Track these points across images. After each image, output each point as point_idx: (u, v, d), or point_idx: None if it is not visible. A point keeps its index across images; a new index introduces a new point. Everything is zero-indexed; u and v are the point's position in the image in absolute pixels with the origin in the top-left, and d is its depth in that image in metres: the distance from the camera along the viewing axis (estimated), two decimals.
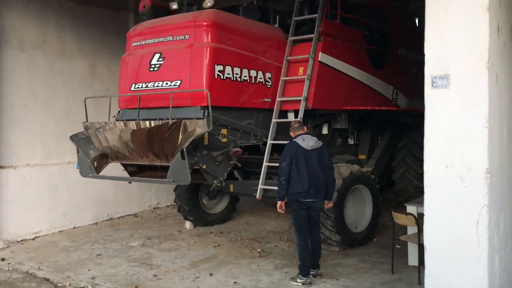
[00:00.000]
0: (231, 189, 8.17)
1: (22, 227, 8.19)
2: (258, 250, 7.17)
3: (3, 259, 7.02)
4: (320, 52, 6.96)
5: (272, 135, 6.77)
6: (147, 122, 5.87)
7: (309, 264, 5.66)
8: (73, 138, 6.49)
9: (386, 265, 6.28)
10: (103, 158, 6.48)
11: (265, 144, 6.85)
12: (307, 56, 6.84)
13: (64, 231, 8.77)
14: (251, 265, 6.48)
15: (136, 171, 6.82)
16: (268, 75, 6.79)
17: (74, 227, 9.01)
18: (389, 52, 8.93)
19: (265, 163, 6.67)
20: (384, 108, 8.36)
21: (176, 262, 6.71)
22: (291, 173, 5.57)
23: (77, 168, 6.97)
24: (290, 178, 5.57)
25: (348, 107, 7.53)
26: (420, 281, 5.48)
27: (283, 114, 7.00)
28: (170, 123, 5.58)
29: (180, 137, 5.57)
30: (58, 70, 8.99)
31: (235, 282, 5.81)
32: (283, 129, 7.00)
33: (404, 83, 9.44)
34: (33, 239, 8.23)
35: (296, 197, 5.58)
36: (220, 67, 6.00)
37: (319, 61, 6.97)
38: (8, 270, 6.60)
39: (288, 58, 7.04)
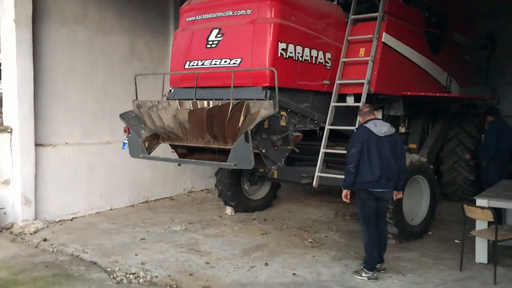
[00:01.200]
0: (275, 175, 7.85)
1: (60, 207, 7.96)
2: (309, 240, 6.85)
3: (45, 240, 6.79)
4: (383, 32, 6.52)
5: (330, 120, 6.40)
6: (205, 102, 5.52)
7: (375, 258, 5.33)
8: (123, 116, 6.18)
9: (450, 261, 5.94)
10: (155, 139, 6.17)
11: (321, 129, 6.47)
12: (371, 36, 6.41)
13: (101, 212, 8.53)
14: (306, 255, 6.16)
15: (186, 153, 6.50)
16: (328, 55, 6.39)
17: (111, 209, 8.76)
18: (445, 36, 8.44)
19: (322, 149, 6.30)
20: (446, 95, 7.89)
21: (226, 249, 6.42)
22: (361, 161, 5.22)
23: (123, 148, 6.69)
24: (359, 166, 5.21)
25: (408, 93, 7.10)
26: (496, 281, 5.12)
27: (340, 98, 6.60)
28: (232, 103, 5.21)
29: (242, 118, 5.21)
30: (98, 47, 8.66)
31: (294, 274, 5.49)
32: (339, 114, 6.63)
33: (457, 70, 8.97)
34: (71, 219, 8.00)
35: (365, 187, 5.24)
36: (283, 45, 5.61)
37: (383, 42, 6.54)
38: (53, 251, 6.36)
39: (348, 38, 6.62)
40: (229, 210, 8.47)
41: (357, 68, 6.55)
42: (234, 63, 5.63)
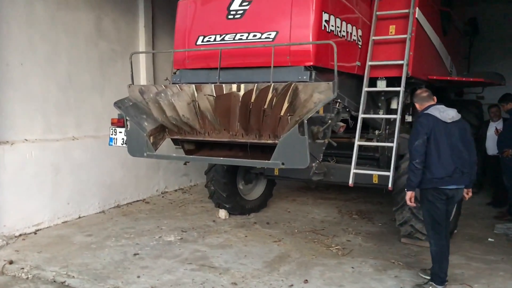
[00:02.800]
0: (276, 172, 6.90)
1: (21, 218, 6.49)
2: (334, 246, 5.96)
3: (11, 262, 5.37)
4: (417, 8, 5.72)
5: (363, 107, 5.51)
6: (234, 86, 4.41)
7: (446, 270, 4.53)
8: (119, 105, 4.91)
9: (503, 264, 5.29)
10: (160, 132, 4.95)
11: (352, 118, 5.57)
12: (406, 11, 5.59)
13: (68, 221, 7.13)
14: (342, 266, 5.27)
15: (193, 150, 5.35)
16: (359, 32, 5.49)
17: (79, 217, 7.38)
18: (452, 17, 7.85)
19: (357, 142, 5.41)
20: (465, 79, 7.25)
21: (244, 263, 5.38)
22: (428, 155, 4.38)
23: (110, 144, 5.42)
24: (426, 161, 4.37)
25: (435, 77, 6.38)
26: None
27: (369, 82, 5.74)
28: (273, 86, 4.16)
29: (286, 105, 4.18)
30: (61, 24, 7.20)
31: None
32: (369, 101, 5.79)
33: (456, 55, 8.46)
34: (35, 232, 6.56)
35: (436, 185, 4.38)
36: (326, 16, 4.65)
37: (416, 19, 5.74)
38: (27, 278, 5.00)
39: (377, 13, 5.75)
40: (223, 213, 7.39)
41: (387, 48, 5.73)
42: (267, 38, 4.57)
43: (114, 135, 5.38)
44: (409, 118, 7.63)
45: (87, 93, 7.71)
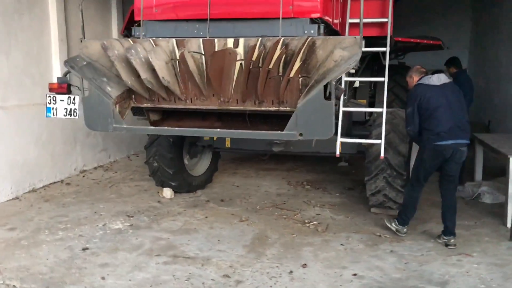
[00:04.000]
0: (228, 144, 6.23)
1: None
2: (307, 222, 5.50)
3: None
4: None
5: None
6: (230, 40, 3.59)
7: (409, 216, 4.92)
8: (71, 64, 3.81)
9: (484, 229, 5.26)
10: (126, 99, 3.96)
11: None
12: None
13: None
14: (331, 244, 4.86)
15: (159, 120, 4.44)
16: None
17: None
18: None
19: (342, 108, 4.90)
20: (432, 42, 6.95)
21: (223, 249, 4.70)
22: (425, 118, 4.56)
23: (48, 116, 4.33)
24: (425, 124, 4.57)
25: (400, 39, 6.06)
26: None
27: None
28: (282, 41, 3.44)
29: (298, 65, 3.50)
30: None
31: (355, 275, 4.13)
32: None
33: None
34: None
35: (433, 142, 4.51)
36: None
37: None
38: None
39: None
40: (168, 192, 6.52)
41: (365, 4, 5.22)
42: None
43: (54, 104, 4.26)
44: (356, 84, 7.35)
45: None
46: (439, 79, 4.65)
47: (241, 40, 3.58)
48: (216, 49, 3.62)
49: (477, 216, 5.70)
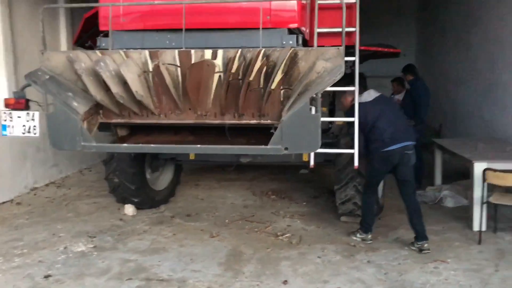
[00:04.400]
0: (192, 157, 6.05)
1: None
2: (280, 234, 5.39)
3: None
4: None
5: None
6: (208, 52, 3.43)
7: (370, 222, 5.11)
8: (33, 78, 3.49)
9: (450, 233, 5.35)
10: (94, 115, 3.69)
11: None
12: None
13: None
14: (308, 257, 4.77)
15: (127, 135, 4.19)
16: None
17: None
18: None
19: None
20: (392, 50, 7.01)
21: (198, 269, 4.50)
22: (365, 132, 4.81)
23: (3, 134, 3.96)
24: (372, 136, 4.81)
25: (363, 47, 6.09)
26: None
27: None
28: (263, 53, 3.33)
29: (279, 77, 3.39)
30: None
31: None
32: None
33: None
34: None
35: (381, 149, 4.73)
36: None
37: None
38: None
39: None
40: (130, 209, 6.22)
41: (330, 14, 5.19)
42: None
43: (10, 121, 3.90)
44: None
45: None
46: (370, 95, 4.92)
47: (220, 52, 3.42)
48: (193, 61, 3.43)
49: (443, 221, 5.81)
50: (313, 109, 3.22)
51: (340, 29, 4.77)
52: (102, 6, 3.87)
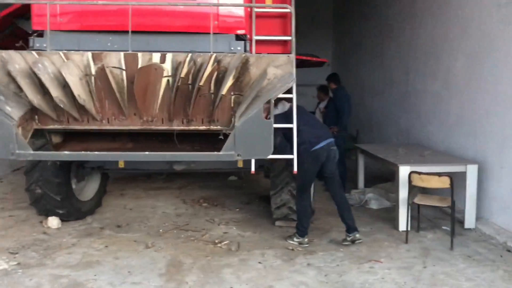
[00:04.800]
0: (121, 165, 5.86)
1: None
2: (224, 242, 5.34)
3: None
4: None
5: None
6: (156, 55, 3.33)
7: (306, 225, 5.25)
8: None
9: (378, 234, 5.64)
10: (29, 121, 3.42)
11: None
12: None
13: None
14: (249, 263, 4.78)
15: (61, 142, 3.94)
16: None
17: None
18: None
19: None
20: (321, 59, 7.20)
21: (138, 281, 4.33)
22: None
23: None
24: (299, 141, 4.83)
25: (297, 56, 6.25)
26: (453, 246, 5.12)
27: None
28: (214, 58, 3.30)
29: (230, 82, 3.39)
30: None
31: None
32: None
33: None
34: None
35: (309, 149, 4.94)
36: None
37: None
38: None
39: None
40: (54, 221, 5.84)
41: (267, 22, 5.27)
42: None
43: None
44: None
45: None
46: (284, 106, 5.06)
47: (169, 55, 3.32)
48: (140, 65, 3.30)
49: (370, 222, 6.09)
50: (271, 114, 3.24)
51: (276, 37, 4.91)
52: (35, 4, 3.59)
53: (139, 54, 3.33)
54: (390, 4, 9.08)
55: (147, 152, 3.57)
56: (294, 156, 4.75)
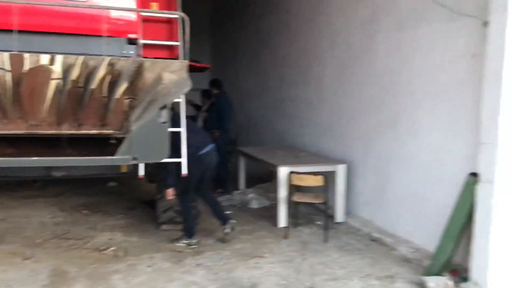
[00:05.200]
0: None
1: None
2: (111, 248, 5.24)
3: None
4: None
5: None
6: (45, 57, 3.22)
7: (191, 226, 5.45)
8: None
9: (260, 232, 5.99)
10: None
11: None
12: None
13: None
14: (138, 267, 4.76)
15: None
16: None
17: None
18: None
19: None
20: (206, 65, 7.25)
21: None
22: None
23: None
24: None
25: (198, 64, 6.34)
26: (327, 239, 5.63)
27: None
28: (107, 61, 3.32)
29: (123, 87, 3.42)
30: None
31: None
32: None
33: None
34: None
35: (195, 153, 5.12)
36: None
37: None
38: None
39: None
40: None
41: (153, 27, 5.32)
42: None
43: None
44: None
45: None
46: (167, 114, 5.27)
47: (59, 57, 3.22)
48: (27, 66, 3.17)
49: (252, 221, 6.42)
50: (162, 119, 3.33)
51: (166, 42, 4.98)
52: None
53: (26, 55, 3.19)
54: (265, 17, 9.61)
55: (38, 158, 3.40)
56: (183, 160, 4.87)
